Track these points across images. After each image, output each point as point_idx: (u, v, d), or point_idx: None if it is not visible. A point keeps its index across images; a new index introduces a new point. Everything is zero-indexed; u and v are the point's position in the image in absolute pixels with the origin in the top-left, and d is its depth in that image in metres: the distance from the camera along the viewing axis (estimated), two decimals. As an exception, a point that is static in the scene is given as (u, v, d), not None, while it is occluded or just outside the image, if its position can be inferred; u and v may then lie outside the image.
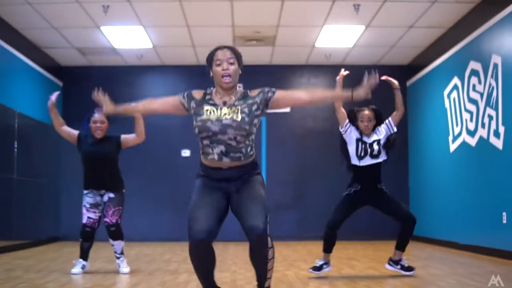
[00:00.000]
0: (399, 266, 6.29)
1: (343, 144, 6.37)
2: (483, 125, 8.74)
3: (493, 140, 8.38)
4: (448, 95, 10.18)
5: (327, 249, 6.39)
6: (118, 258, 6.64)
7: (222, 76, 3.87)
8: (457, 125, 9.80)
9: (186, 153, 12.39)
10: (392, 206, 6.29)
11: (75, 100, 12.39)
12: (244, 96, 3.94)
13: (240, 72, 3.99)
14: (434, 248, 10.08)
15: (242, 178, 3.90)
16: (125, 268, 6.60)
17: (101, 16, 9.35)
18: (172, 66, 12.68)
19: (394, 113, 6.40)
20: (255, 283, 4.01)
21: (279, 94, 3.92)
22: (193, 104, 3.95)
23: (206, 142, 3.85)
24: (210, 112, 3.85)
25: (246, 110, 3.85)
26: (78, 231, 6.61)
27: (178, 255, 8.80)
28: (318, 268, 6.28)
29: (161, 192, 12.17)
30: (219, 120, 3.81)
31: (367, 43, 11.02)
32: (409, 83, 12.44)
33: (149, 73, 12.71)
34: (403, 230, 6.27)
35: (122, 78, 12.63)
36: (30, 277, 6.21)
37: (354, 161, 6.28)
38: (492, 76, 8.40)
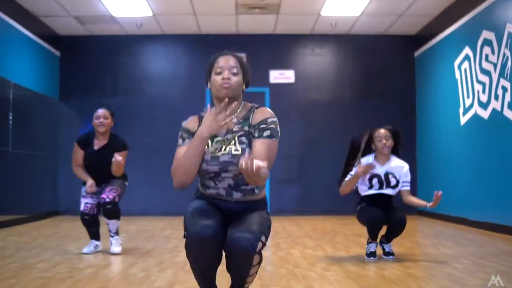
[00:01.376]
0: (381, 247, 5.87)
1: (352, 153, 5.89)
2: (496, 97, 8.38)
3: (507, 112, 8.03)
4: (459, 66, 9.81)
5: (373, 236, 5.79)
6: (111, 236, 6.24)
7: (221, 84, 3.19)
8: (468, 97, 9.45)
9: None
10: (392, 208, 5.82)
11: (73, 71, 12.11)
12: (245, 119, 3.25)
13: (244, 88, 3.32)
14: (443, 224, 9.78)
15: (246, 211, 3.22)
16: (116, 248, 6.16)
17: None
18: (173, 35, 12.29)
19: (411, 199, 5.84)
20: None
21: (256, 144, 3.14)
22: (189, 135, 3.28)
23: (207, 178, 3.24)
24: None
25: (244, 139, 3.19)
26: (78, 205, 6.28)
27: (178, 230, 8.52)
28: (371, 254, 5.75)
29: (162, 164, 11.80)
30: (215, 158, 3.16)
31: (374, 11, 10.61)
32: (417, 53, 12.06)
33: (149, 43, 12.31)
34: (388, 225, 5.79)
35: (122, 47, 12.26)
36: (21, 255, 5.92)
37: (364, 191, 5.80)
38: (506, 46, 8.03)
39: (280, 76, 12.13)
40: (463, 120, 9.64)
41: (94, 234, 6.26)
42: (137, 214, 11.32)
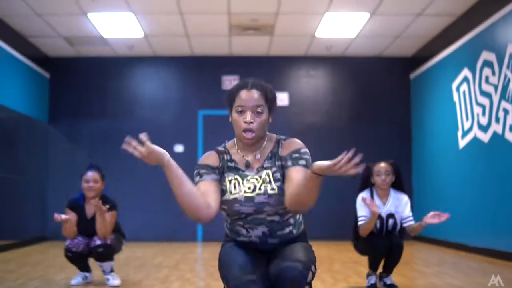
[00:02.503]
0: (382, 283, 5.61)
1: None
2: (497, 120, 8.18)
3: (509, 135, 7.82)
4: (457, 88, 9.61)
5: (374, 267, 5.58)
6: (106, 274, 5.82)
7: (243, 131, 2.89)
8: (467, 119, 9.24)
9: (179, 148, 11.82)
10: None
11: (63, 93, 11.89)
12: (274, 154, 2.97)
13: (270, 120, 3.01)
14: (443, 251, 9.53)
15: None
16: (115, 281, 5.77)
17: (88, 2, 8.73)
18: (165, 57, 12.09)
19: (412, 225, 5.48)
20: None
21: (291, 172, 2.87)
22: (211, 171, 2.96)
23: (238, 222, 2.93)
24: (234, 186, 2.89)
25: (278, 175, 2.89)
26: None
27: (170, 258, 8.23)
28: (372, 286, 5.50)
29: (153, 190, 11.59)
30: (249, 199, 2.85)
31: (370, 33, 10.43)
32: (412, 76, 11.89)
33: (140, 65, 12.11)
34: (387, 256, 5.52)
35: (112, 69, 12.05)
36: (6, 286, 5.63)
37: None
38: (508, 67, 7.84)
39: (274, 98, 11.92)
40: (462, 143, 9.43)
41: (83, 268, 5.89)
42: (128, 240, 11.00)
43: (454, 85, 9.73)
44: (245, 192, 2.86)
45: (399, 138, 11.90)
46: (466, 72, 9.28)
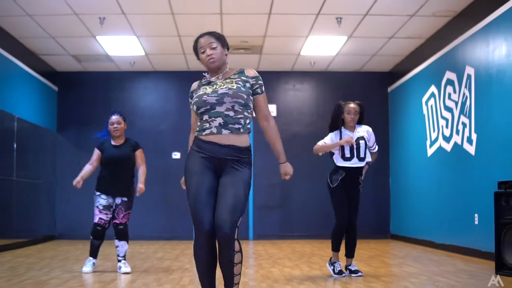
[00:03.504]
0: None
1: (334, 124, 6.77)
2: (457, 132, 9.29)
3: (466, 146, 8.94)
4: (426, 102, 10.74)
5: (337, 248, 6.74)
6: (119, 261, 6.96)
7: (208, 61, 4.05)
8: (434, 130, 10.36)
9: (176, 155, 12.88)
10: (352, 206, 6.66)
11: (70, 104, 12.92)
12: (239, 72, 4.12)
13: (226, 52, 4.17)
14: (412, 247, 10.64)
15: (234, 164, 3.96)
16: (127, 268, 6.88)
17: (97, 27, 9.84)
18: (164, 72, 13.17)
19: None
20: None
21: (260, 100, 4.12)
22: (193, 94, 4.11)
23: (205, 117, 3.98)
24: (206, 88, 4.02)
25: (240, 82, 4.03)
26: (73, 230, 7.01)
27: (170, 253, 9.35)
28: (340, 272, 6.60)
29: (153, 192, 12.60)
30: (215, 91, 3.96)
31: (349, 51, 11.57)
32: (390, 89, 13.00)
33: (141, 79, 13.18)
34: (346, 238, 6.73)
35: (115, 83, 13.12)
36: (33, 274, 6.68)
37: (339, 162, 6.63)
38: (465, 86, 8.95)
39: (263, 110, 12.96)
40: (430, 152, 10.55)
41: (95, 250, 6.97)
42: (131, 239, 12.07)
43: (424, 99, 10.85)
44: (213, 89, 4.00)
45: (378, 145, 12.86)
46: (433, 88, 10.39)
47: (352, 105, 6.68)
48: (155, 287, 5.70)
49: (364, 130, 6.73)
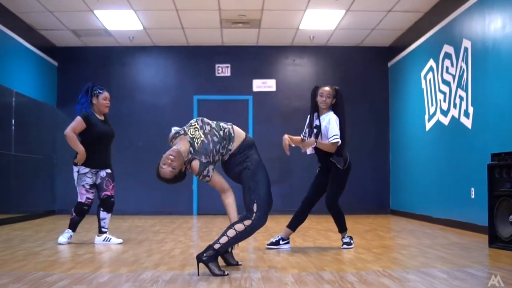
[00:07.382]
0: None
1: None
2: (455, 106, 9.27)
3: (463, 119, 8.91)
4: (425, 76, 10.70)
5: (292, 225, 6.76)
6: (105, 232, 7.02)
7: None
8: (432, 105, 10.33)
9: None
10: (328, 185, 6.74)
11: (70, 80, 12.90)
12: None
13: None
14: (409, 221, 10.66)
15: None
16: (118, 240, 7.01)
17: (94, 1, 9.85)
18: (163, 47, 13.16)
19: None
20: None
21: None
22: None
23: None
24: None
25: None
26: (73, 206, 7.03)
27: (167, 226, 9.38)
28: (275, 243, 6.63)
29: (152, 167, 12.63)
30: None
31: (348, 25, 11.51)
32: (390, 63, 12.95)
33: (140, 53, 13.18)
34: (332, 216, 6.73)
35: (115, 58, 13.13)
36: (27, 245, 6.75)
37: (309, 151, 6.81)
38: (463, 60, 8.92)
39: (263, 85, 13.00)
40: (428, 126, 10.53)
41: (76, 225, 7.02)
42: (130, 213, 12.19)
43: (422, 73, 10.81)
44: None
45: (378, 120, 12.98)
46: (431, 62, 10.35)
47: (326, 88, 6.62)
48: (145, 258, 5.74)
49: (328, 119, 6.63)
